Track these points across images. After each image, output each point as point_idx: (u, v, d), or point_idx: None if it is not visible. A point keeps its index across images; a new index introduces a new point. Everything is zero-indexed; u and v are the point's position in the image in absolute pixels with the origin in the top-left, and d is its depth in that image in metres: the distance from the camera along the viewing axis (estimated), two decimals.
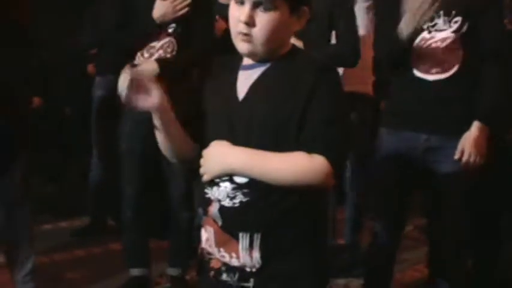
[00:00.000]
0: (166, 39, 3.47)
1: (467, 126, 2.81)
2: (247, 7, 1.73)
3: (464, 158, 2.80)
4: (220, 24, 3.61)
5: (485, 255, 3.56)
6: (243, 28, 1.74)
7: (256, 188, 1.73)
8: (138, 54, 3.47)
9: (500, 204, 3.53)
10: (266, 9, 1.73)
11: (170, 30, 3.46)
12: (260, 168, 1.72)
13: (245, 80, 1.81)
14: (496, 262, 3.55)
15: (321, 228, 1.87)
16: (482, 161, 2.82)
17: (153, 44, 3.46)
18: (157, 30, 3.44)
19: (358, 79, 4.05)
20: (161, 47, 3.46)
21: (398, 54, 2.88)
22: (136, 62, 3.41)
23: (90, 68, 4.99)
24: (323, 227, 1.92)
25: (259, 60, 1.80)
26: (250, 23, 1.73)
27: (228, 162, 1.75)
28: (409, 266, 4.10)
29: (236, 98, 1.80)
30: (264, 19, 1.73)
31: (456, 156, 2.80)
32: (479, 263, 3.55)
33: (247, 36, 1.74)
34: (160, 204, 3.88)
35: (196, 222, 1.82)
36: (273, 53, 1.79)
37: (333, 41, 3.41)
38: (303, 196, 1.75)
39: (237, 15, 1.75)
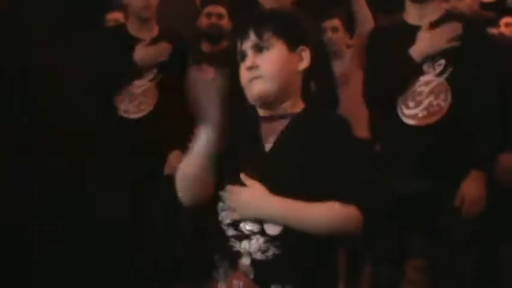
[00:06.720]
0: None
1: (461, 171, 2.81)
2: (250, 53, 1.88)
3: (465, 207, 2.81)
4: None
5: None
6: (250, 74, 1.87)
7: (288, 240, 1.80)
8: None
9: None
10: (263, 49, 1.86)
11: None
12: (296, 218, 1.79)
13: (269, 132, 1.89)
14: None
15: (338, 274, 1.96)
16: (482, 208, 2.83)
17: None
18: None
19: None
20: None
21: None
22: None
23: None
24: (337, 274, 1.98)
25: (272, 103, 1.89)
26: (254, 66, 1.86)
27: (265, 209, 1.81)
28: None
29: (262, 149, 1.88)
30: (264, 58, 1.88)
31: (456, 204, 2.81)
32: None
33: (256, 77, 1.86)
34: None
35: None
36: (284, 95, 1.89)
37: None
38: (330, 244, 1.84)
39: (244, 68, 1.89)
